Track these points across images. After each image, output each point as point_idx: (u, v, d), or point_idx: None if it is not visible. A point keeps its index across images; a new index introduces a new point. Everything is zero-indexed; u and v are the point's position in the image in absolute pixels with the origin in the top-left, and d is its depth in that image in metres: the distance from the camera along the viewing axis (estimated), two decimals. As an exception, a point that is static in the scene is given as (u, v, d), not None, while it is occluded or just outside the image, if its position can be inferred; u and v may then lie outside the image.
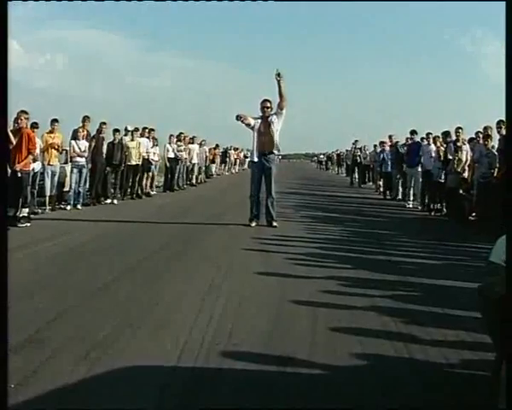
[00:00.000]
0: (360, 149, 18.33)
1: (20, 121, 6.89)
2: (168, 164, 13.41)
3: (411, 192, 10.99)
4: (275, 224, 7.02)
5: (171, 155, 13.50)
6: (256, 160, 7.14)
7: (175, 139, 13.85)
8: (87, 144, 9.42)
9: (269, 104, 7.11)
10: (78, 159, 9.24)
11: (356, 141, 18.96)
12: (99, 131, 10.14)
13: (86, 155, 9.36)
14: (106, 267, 4.49)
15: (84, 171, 9.37)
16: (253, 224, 7.02)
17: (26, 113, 7.06)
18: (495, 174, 7.28)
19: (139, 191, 11.65)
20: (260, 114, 7.17)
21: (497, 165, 7.25)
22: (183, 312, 3.29)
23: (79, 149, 9.22)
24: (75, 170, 9.19)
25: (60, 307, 3.30)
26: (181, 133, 14.45)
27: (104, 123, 10.27)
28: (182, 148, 14.10)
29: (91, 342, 2.71)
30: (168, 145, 13.52)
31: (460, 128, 8.83)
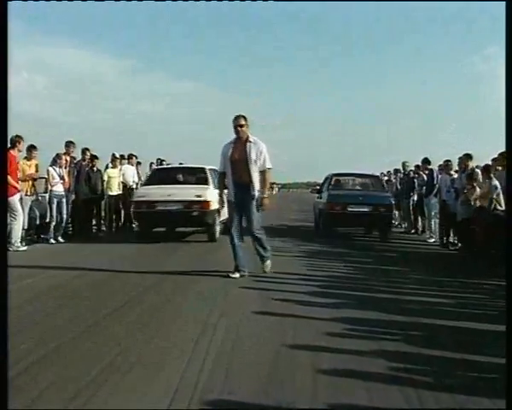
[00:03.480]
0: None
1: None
2: None
3: (432, 224, 10.88)
4: (266, 267, 6.16)
5: None
6: (233, 199, 6.03)
7: (155, 167, 13.69)
8: (66, 172, 9.38)
9: (243, 121, 5.95)
10: (57, 188, 9.18)
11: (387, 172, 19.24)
12: (82, 158, 10.26)
13: (66, 183, 9.36)
14: (93, 305, 4.59)
15: (64, 201, 9.33)
16: (236, 275, 5.91)
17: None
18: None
19: (127, 223, 11.61)
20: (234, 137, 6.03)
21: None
22: (175, 354, 3.28)
23: (59, 176, 9.19)
24: (55, 200, 9.18)
25: (46, 347, 3.38)
26: (162, 160, 14.32)
27: (87, 149, 10.36)
28: None
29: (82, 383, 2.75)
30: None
31: (468, 156, 8.91)
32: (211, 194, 9.20)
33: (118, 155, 11.60)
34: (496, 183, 7.85)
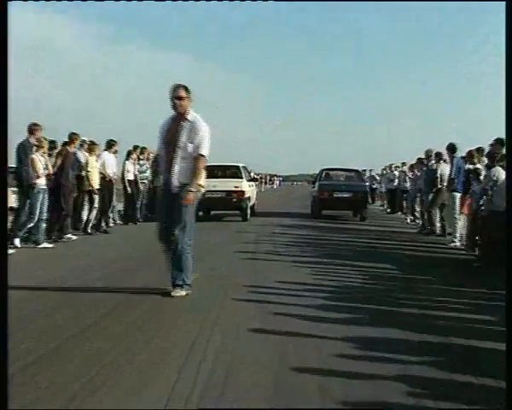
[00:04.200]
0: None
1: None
2: (129, 188, 12.34)
3: (456, 226, 10.29)
4: (178, 292, 5.08)
5: (131, 177, 12.45)
6: (163, 183, 5.41)
7: (135, 156, 12.76)
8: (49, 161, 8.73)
9: (183, 93, 5.11)
10: (41, 181, 8.42)
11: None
12: (69, 144, 9.47)
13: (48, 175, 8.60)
14: (90, 307, 4.73)
15: (46, 196, 8.60)
16: (177, 293, 5.07)
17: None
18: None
19: (103, 224, 10.74)
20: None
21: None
22: (162, 374, 3.16)
23: (44, 167, 8.42)
24: (39, 196, 8.34)
25: (46, 346, 3.59)
26: (143, 148, 13.27)
27: (75, 134, 9.67)
28: (144, 167, 13.14)
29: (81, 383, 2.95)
30: (128, 164, 12.46)
31: (500, 141, 8.33)
32: (245, 185, 13.99)
33: (88, 141, 10.49)
34: (497, 173, 7.50)
